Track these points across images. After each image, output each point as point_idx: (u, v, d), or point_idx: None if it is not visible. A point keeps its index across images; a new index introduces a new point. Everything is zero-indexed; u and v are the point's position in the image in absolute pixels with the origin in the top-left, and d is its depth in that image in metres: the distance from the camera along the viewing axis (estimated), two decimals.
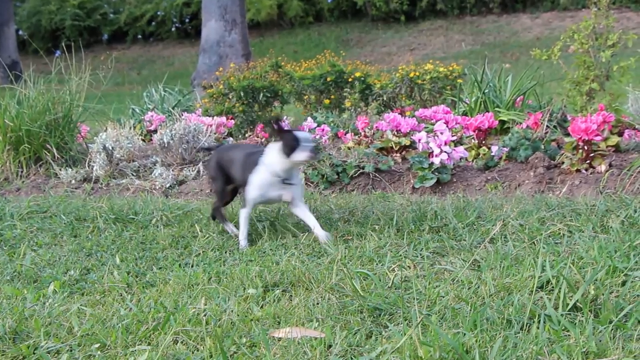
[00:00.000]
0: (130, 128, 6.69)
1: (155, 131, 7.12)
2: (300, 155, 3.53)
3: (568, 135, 5.20)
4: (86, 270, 3.33)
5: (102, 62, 8.43)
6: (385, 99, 8.39)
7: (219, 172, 3.97)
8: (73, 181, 5.93)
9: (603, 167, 4.94)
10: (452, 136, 5.62)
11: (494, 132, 6.68)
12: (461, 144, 5.86)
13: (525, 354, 2.07)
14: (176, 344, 2.35)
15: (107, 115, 7.89)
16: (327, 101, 8.35)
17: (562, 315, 2.35)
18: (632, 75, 6.67)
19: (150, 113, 8.07)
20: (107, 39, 29.84)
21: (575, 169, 4.98)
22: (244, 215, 3.70)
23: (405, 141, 5.80)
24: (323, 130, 6.57)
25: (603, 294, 2.48)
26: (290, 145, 3.53)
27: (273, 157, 3.62)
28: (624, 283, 2.60)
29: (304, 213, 3.70)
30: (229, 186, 4.01)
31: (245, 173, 3.71)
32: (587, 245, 3.08)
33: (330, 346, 2.25)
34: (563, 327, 2.26)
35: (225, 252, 3.54)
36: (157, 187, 5.62)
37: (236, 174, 3.84)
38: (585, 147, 5.01)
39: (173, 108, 8.34)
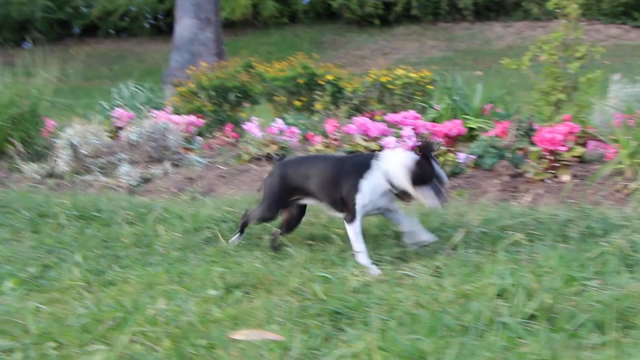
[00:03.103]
0: (98, 124, 6.62)
1: (123, 128, 7.06)
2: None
3: (534, 144, 5.26)
4: (46, 268, 3.29)
5: (73, 56, 8.34)
6: (357, 102, 8.41)
7: (280, 190, 3.46)
8: (38, 176, 5.85)
9: (567, 177, 5.01)
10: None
11: (463, 140, 6.73)
12: None
13: None
14: (133, 344, 2.33)
15: (75, 110, 7.80)
16: (298, 103, 8.35)
17: (518, 323, 2.39)
18: (599, 87, 6.76)
19: (118, 109, 7.99)
20: (79, 33, 29.47)
21: (540, 178, 5.04)
22: (356, 229, 3.26)
23: (374, 146, 5.82)
24: (293, 132, 6.56)
25: (559, 303, 2.51)
26: (425, 178, 3.19)
27: (397, 168, 3.23)
28: (580, 292, 2.64)
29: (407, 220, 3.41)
30: (283, 209, 3.54)
31: (348, 179, 3.28)
32: (547, 254, 3.12)
33: (288, 349, 2.25)
34: (518, 335, 2.29)
35: (189, 252, 3.51)
36: (123, 185, 5.57)
37: (323, 185, 3.36)
38: (550, 157, 5.08)
39: (143, 105, 8.27)
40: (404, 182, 3.20)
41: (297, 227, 3.61)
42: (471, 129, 7.10)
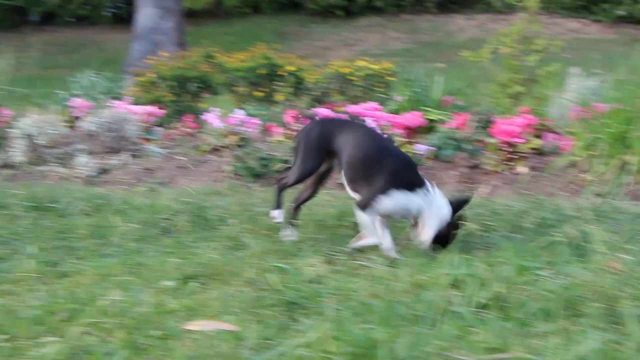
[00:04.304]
0: (55, 114, 6.51)
1: (81, 118, 6.94)
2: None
3: (492, 136, 5.33)
4: None
5: (30, 44, 8.18)
6: (318, 94, 8.40)
7: (319, 145, 3.32)
8: None
9: (523, 169, 5.08)
10: (382, 134, 5.68)
11: (423, 131, 6.78)
12: None
13: (432, 348, 2.12)
14: (86, 335, 2.31)
15: (32, 99, 7.65)
16: (259, 94, 8.31)
17: (471, 312, 2.42)
18: (558, 80, 6.86)
19: (76, 99, 7.86)
20: (37, 21, 28.86)
21: (497, 169, 5.11)
22: (371, 218, 3.19)
23: None
24: (253, 122, 6.54)
25: (511, 292, 2.56)
26: (446, 242, 3.19)
27: (431, 219, 3.18)
28: (531, 282, 2.69)
29: None
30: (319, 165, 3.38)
31: (385, 177, 3.16)
32: (501, 244, 3.17)
33: (242, 339, 2.25)
34: (471, 324, 2.32)
35: (145, 243, 3.49)
36: (81, 176, 5.49)
37: (357, 157, 3.22)
38: (508, 149, 5.15)
39: (102, 95, 8.14)
40: (427, 231, 3.19)
41: (310, 200, 3.57)
42: (431, 120, 7.15)
